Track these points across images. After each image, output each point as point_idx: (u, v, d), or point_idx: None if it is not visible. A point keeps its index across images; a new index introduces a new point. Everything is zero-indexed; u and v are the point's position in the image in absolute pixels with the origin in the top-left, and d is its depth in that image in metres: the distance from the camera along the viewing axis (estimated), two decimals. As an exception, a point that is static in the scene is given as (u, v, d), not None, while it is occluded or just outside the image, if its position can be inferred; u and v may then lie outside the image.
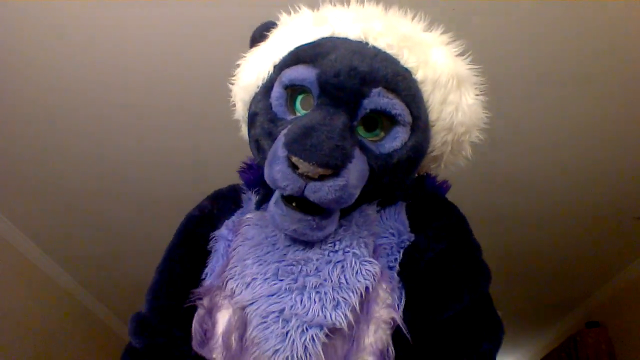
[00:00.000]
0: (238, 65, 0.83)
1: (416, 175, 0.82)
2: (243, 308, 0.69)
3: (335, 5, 0.79)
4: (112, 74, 1.72)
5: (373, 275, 0.68)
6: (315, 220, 0.67)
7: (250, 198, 0.84)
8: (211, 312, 0.73)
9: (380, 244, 0.73)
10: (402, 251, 0.73)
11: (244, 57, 0.83)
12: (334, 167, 0.62)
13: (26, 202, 2.41)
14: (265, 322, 0.66)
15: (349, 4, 0.79)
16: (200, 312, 0.74)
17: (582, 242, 2.81)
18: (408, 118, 0.69)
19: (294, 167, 0.62)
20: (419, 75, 0.72)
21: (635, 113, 1.92)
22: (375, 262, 0.70)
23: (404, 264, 0.72)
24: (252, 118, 0.77)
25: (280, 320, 0.65)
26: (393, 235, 0.74)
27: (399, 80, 0.69)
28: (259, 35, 0.82)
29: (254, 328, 0.66)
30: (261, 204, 0.80)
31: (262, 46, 0.80)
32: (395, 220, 0.76)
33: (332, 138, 0.63)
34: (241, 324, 0.69)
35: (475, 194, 2.25)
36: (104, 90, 1.78)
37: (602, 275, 3.24)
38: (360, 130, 0.70)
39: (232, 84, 0.84)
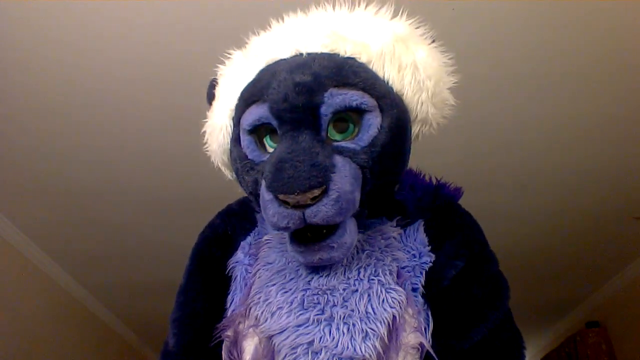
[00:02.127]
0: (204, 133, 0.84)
1: (430, 183, 0.83)
2: (270, 337, 0.69)
3: (258, 33, 0.79)
4: (113, 74, 1.72)
5: (399, 303, 0.68)
6: (332, 241, 0.66)
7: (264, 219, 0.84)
8: (237, 341, 0.73)
9: (403, 267, 0.73)
10: (424, 273, 0.73)
11: (205, 121, 0.83)
12: (319, 185, 0.61)
13: (26, 202, 2.41)
14: (294, 353, 0.66)
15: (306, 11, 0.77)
16: (226, 342, 0.74)
17: (582, 242, 2.81)
18: (371, 102, 0.68)
19: (285, 203, 0.62)
20: (363, 58, 0.71)
21: (636, 113, 1.92)
22: (401, 289, 0.70)
23: (426, 286, 0.73)
24: (237, 174, 0.77)
25: (310, 353, 0.65)
26: (415, 257, 0.75)
27: (345, 72, 0.68)
28: (210, 95, 0.83)
29: (283, 359, 0.66)
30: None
31: (214, 105, 0.80)
32: (415, 240, 0.76)
33: (304, 161, 0.62)
34: (269, 353, 0.68)
35: (475, 194, 2.24)
36: (104, 90, 1.78)
37: (602, 275, 3.24)
38: (335, 136, 0.69)
39: (206, 149, 0.84)
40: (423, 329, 0.70)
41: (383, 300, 0.68)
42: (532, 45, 1.64)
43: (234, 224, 0.86)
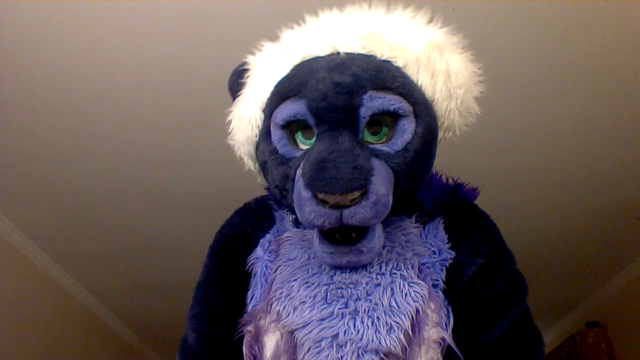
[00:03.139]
0: (229, 121, 0.82)
1: (447, 183, 0.84)
2: (292, 332, 0.69)
3: (292, 27, 0.78)
4: (114, 74, 1.72)
5: (422, 297, 0.69)
6: (363, 246, 0.67)
7: (283, 216, 0.84)
8: (258, 336, 0.73)
9: (423, 263, 0.74)
10: (444, 269, 0.74)
11: (230, 111, 0.82)
12: (360, 188, 0.62)
13: (27, 203, 2.41)
14: (319, 346, 0.66)
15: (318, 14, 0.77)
16: (247, 337, 0.74)
17: (582, 242, 2.81)
18: (407, 107, 0.69)
19: (324, 202, 0.63)
20: (399, 62, 0.72)
21: (636, 113, 1.92)
22: (423, 283, 0.70)
23: (447, 282, 0.74)
24: (263, 167, 0.77)
25: (335, 346, 0.66)
26: (435, 253, 0.76)
27: (384, 76, 0.69)
28: (235, 85, 0.82)
29: (307, 353, 0.67)
30: (299, 222, 0.79)
31: (243, 96, 0.79)
32: (435, 237, 0.77)
33: (347, 162, 0.63)
34: (290, 348, 0.69)
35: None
36: (104, 89, 1.78)
37: (602, 275, 3.24)
38: (369, 138, 0.69)
39: (231, 139, 0.84)
40: (444, 324, 0.71)
41: (406, 294, 0.68)
42: (532, 46, 1.64)
43: (252, 222, 0.86)
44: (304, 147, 0.71)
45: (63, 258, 2.93)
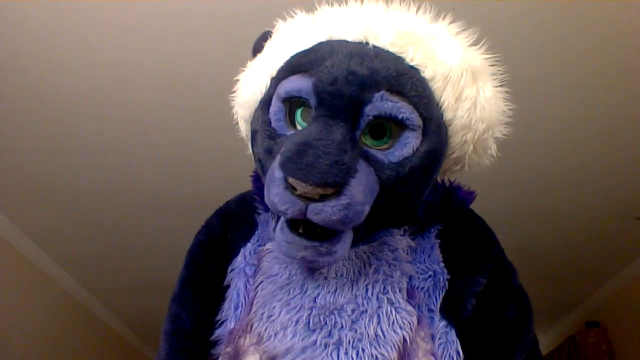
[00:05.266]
0: (237, 81, 0.78)
1: (442, 185, 0.78)
2: (273, 358, 0.66)
3: (332, 5, 0.73)
4: (113, 74, 1.72)
5: (410, 324, 0.65)
6: (323, 246, 0.62)
7: (268, 220, 0.78)
8: (236, 357, 0.70)
9: (417, 287, 0.70)
10: (442, 294, 0.70)
11: (243, 70, 0.77)
12: (334, 185, 0.57)
13: (26, 202, 2.41)
14: None
15: (347, 3, 0.73)
16: (224, 358, 0.71)
17: (582, 242, 2.81)
18: (417, 121, 0.63)
19: (292, 188, 0.57)
20: (427, 73, 0.66)
21: (636, 113, 1.92)
22: (412, 309, 0.67)
23: (448, 307, 0.70)
24: (253, 136, 0.72)
25: None
26: (430, 277, 0.71)
27: (404, 81, 0.63)
28: (258, 47, 0.76)
29: None
30: None
31: (259, 58, 0.75)
32: (429, 257, 0.72)
33: (330, 153, 0.58)
34: None
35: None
36: (104, 89, 1.78)
37: (602, 275, 3.24)
38: (367, 140, 0.64)
39: (232, 98, 0.79)
40: (437, 352, 0.67)
41: (393, 322, 0.65)
42: (533, 46, 1.64)
43: (232, 228, 0.81)
44: (299, 127, 0.66)
45: (63, 258, 2.93)
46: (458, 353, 0.68)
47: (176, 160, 2.15)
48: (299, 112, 0.67)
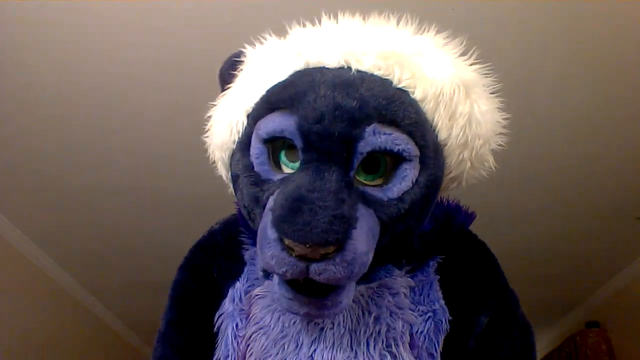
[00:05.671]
0: (209, 118, 0.72)
1: (440, 206, 0.74)
2: None
3: (304, 25, 0.66)
4: (113, 74, 1.72)
5: None
6: (328, 299, 0.57)
7: (254, 257, 0.73)
8: None
9: (417, 331, 0.66)
10: (441, 335, 0.67)
11: (213, 105, 0.70)
12: (336, 243, 0.52)
13: (26, 202, 2.41)
14: None
15: (320, 22, 0.66)
16: None
17: (582, 242, 2.81)
18: (414, 151, 0.58)
19: (290, 249, 0.52)
20: (417, 94, 0.60)
21: (636, 113, 1.92)
22: None
23: (450, 349, 0.67)
24: (235, 181, 0.65)
25: None
26: (430, 318, 0.67)
27: (396, 108, 0.57)
28: (226, 76, 0.69)
29: None
30: (269, 274, 0.68)
31: (230, 92, 0.67)
32: (428, 296, 0.68)
33: (327, 207, 0.52)
34: None
35: (473, 193, 2.24)
36: (104, 91, 1.78)
37: (602, 275, 3.24)
38: (361, 176, 0.58)
39: (206, 138, 0.72)
40: None
41: None
42: (533, 46, 1.64)
43: (219, 265, 0.76)
44: (285, 169, 0.60)
45: (63, 258, 2.93)
46: None
47: (177, 160, 2.15)
48: (283, 152, 0.60)
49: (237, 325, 0.69)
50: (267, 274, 0.69)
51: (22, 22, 1.52)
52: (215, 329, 0.72)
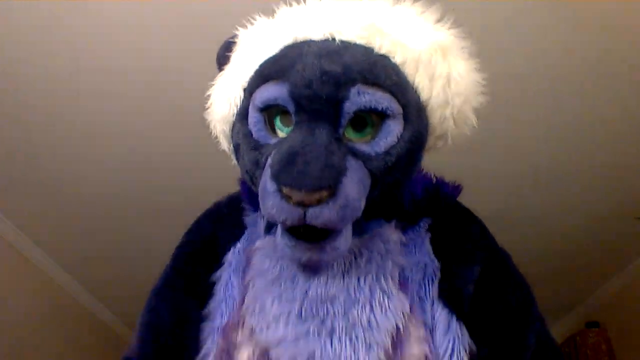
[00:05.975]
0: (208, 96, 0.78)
1: (427, 180, 0.79)
2: (266, 349, 0.66)
3: (290, 4, 0.72)
4: (114, 76, 1.72)
5: (403, 312, 0.66)
6: (327, 244, 0.63)
7: (257, 221, 0.79)
8: (229, 352, 0.70)
9: (408, 278, 0.71)
10: (433, 282, 0.71)
11: (212, 84, 0.77)
12: (328, 188, 0.58)
13: (26, 202, 2.41)
14: None
15: (305, 1, 0.72)
16: (217, 352, 0.71)
17: (582, 242, 2.81)
18: (397, 108, 0.64)
19: (288, 197, 0.58)
20: (397, 58, 0.67)
21: (636, 113, 1.92)
22: (404, 297, 0.68)
23: (448, 296, 0.70)
24: (236, 150, 0.73)
25: None
26: (421, 269, 0.72)
27: (377, 71, 0.64)
28: (222, 58, 0.77)
29: None
30: (270, 229, 0.75)
31: (227, 70, 0.75)
32: (420, 250, 0.73)
33: (318, 158, 0.59)
34: None
35: (473, 193, 2.24)
36: (104, 91, 1.79)
37: (602, 275, 3.24)
38: (350, 134, 0.65)
39: (208, 117, 0.79)
40: (430, 340, 0.67)
41: (386, 310, 0.66)
42: (533, 46, 1.64)
43: (223, 230, 0.82)
44: (280, 133, 0.67)
45: (62, 257, 2.93)
46: (466, 345, 0.68)
47: (177, 160, 2.16)
48: (277, 118, 0.67)
49: (237, 273, 0.75)
50: (269, 230, 0.75)
51: (22, 22, 1.52)
52: (214, 279, 0.77)
